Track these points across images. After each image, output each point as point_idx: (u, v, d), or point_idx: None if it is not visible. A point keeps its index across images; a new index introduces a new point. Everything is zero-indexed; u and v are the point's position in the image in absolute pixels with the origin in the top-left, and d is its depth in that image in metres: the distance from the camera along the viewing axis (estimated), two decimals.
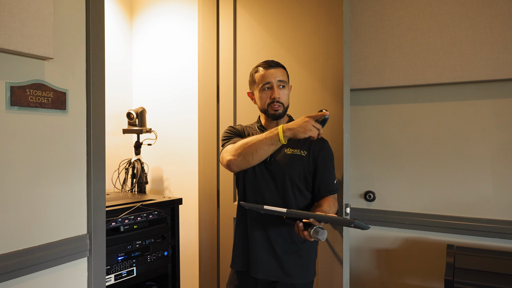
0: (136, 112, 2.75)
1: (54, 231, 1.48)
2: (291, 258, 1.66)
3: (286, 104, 1.70)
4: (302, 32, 2.06)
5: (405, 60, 2.18)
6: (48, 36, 1.43)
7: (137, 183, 2.74)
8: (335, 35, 1.91)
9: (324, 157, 1.68)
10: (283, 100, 1.68)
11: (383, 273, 2.29)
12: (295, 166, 1.66)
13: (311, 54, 2.01)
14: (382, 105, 2.29)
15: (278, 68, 1.68)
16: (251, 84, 1.76)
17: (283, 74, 1.69)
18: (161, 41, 2.94)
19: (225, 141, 1.75)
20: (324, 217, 1.37)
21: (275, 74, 1.66)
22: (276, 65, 1.69)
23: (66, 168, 1.53)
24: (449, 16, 2.08)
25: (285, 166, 1.66)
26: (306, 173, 1.67)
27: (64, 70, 1.52)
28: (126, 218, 2.09)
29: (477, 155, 2.06)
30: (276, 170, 1.67)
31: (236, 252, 1.77)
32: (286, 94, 1.69)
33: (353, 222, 1.31)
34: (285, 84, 1.68)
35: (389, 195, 2.27)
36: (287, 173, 1.65)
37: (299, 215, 1.41)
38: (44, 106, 1.45)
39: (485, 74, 2.00)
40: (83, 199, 1.60)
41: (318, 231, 1.35)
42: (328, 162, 1.69)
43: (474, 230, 2.04)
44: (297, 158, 1.66)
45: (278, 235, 1.67)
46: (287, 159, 1.67)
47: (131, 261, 2.12)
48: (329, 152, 1.71)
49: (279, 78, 1.66)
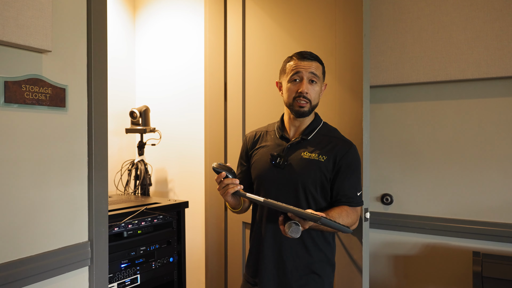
0: (139, 111, 2.64)
1: (53, 239, 1.39)
2: (303, 279, 1.51)
3: (314, 102, 1.54)
4: (317, 25, 1.93)
5: (426, 55, 2.06)
6: (46, 27, 1.32)
7: (140, 185, 2.63)
8: (353, 28, 1.78)
9: (348, 163, 1.50)
10: (312, 97, 1.52)
11: (401, 280, 2.17)
12: (310, 172, 1.50)
13: (327, 48, 1.89)
14: (400, 103, 2.17)
15: (312, 61, 1.53)
16: (281, 73, 1.61)
17: (318, 68, 1.53)
18: (165, 37, 2.82)
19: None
20: (293, 211, 1.25)
21: (307, 66, 1.51)
22: (311, 57, 1.53)
23: (66, 170, 1.42)
24: (473, 7, 1.96)
25: (299, 171, 1.51)
26: (324, 181, 1.50)
27: (64, 64, 1.41)
28: (130, 222, 1.97)
29: (503, 155, 1.94)
30: (289, 175, 1.53)
31: (249, 260, 1.65)
32: (317, 91, 1.54)
33: (319, 219, 1.20)
34: (317, 79, 1.53)
35: (408, 198, 2.15)
36: (300, 180, 1.50)
37: (274, 206, 1.30)
38: (42, 103, 1.34)
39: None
40: (84, 203, 1.50)
41: (290, 226, 1.24)
42: (351, 169, 1.50)
43: (500, 236, 1.91)
44: (313, 163, 1.50)
45: (290, 249, 1.52)
46: (302, 164, 1.51)
47: (135, 268, 2.01)
48: (355, 158, 1.52)
49: (311, 70, 1.51)
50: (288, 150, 1.55)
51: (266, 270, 1.54)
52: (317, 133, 1.56)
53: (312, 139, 1.55)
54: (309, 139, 1.55)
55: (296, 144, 1.55)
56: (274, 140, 1.61)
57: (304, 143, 1.55)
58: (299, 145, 1.55)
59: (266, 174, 1.56)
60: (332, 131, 1.59)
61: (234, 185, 1.42)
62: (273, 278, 1.53)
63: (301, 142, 1.55)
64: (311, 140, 1.54)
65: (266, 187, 1.56)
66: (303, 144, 1.54)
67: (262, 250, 1.56)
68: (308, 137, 1.55)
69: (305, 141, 1.55)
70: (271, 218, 1.54)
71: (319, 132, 1.56)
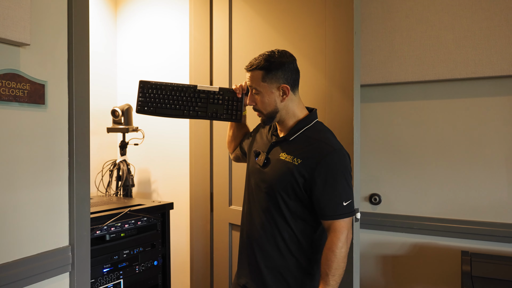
0: (121, 109, 2.55)
1: (31, 244, 1.31)
2: (271, 275, 1.48)
3: (266, 111, 1.47)
4: (306, 22, 1.89)
5: (414, 54, 2.05)
6: (24, 19, 1.24)
7: (122, 186, 2.54)
8: (344, 25, 1.75)
9: (327, 169, 1.36)
10: (260, 107, 1.49)
11: (389, 280, 2.15)
12: (282, 175, 1.43)
13: (317, 46, 1.85)
14: (388, 102, 2.15)
15: (250, 71, 1.47)
16: None
17: (255, 78, 1.46)
18: (148, 33, 2.74)
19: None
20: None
21: (248, 79, 1.50)
22: (250, 66, 1.47)
23: (45, 170, 1.34)
24: (461, 7, 1.96)
25: (273, 173, 1.46)
26: (295, 186, 1.40)
27: (43, 58, 1.33)
28: (112, 225, 1.89)
29: (491, 155, 1.94)
30: (264, 175, 1.49)
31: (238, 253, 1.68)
32: (264, 101, 1.46)
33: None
34: (259, 89, 1.46)
35: (396, 198, 2.13)
36: (272, 182, 1.45)
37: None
38: (19, 99, 1.25)
39: (501, 69, 1.88)
40: (64, 206, 1.42)
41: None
42: (331, 177, 1.36)
43: (488, 235, 1.92)
44: (287, 166, 1.42)
45: (260, 246, 1.52)
46: (277, 166, 1.46)
47: (118, 273, 1.93)
48: (336, 163, 1.38)
49: (250, 83, 1.49)
50: (271, 148, 1.52)
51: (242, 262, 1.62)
52: (302, 133, 1.47)
53: (294, 139, 1.47)
54: (291, 139, 1.47)
55: (279, 143, 1.51)
56: (266, 135, 1.61)
57: (286, 143, 1.48)
58: (281, 144, 1.50)
59: (250, 168, 1.60)
60: (320, 132, 1.47)
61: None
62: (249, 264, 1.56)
63: (283, 142, 1.49)
64: (293, 140, 1.47)
65: (250, 178, 1.60)
66: (284, 145, 1.48)
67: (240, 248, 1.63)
68: (291, 137, 1.47)
69: (287, 142, 1.48)
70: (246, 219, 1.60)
71: (304, 132, 1.47)
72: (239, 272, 1.63)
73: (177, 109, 1.60)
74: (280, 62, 1.44)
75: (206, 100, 1.60)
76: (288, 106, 1.48)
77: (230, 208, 2.27)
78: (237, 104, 1.61)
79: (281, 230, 1.45)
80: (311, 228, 1.46)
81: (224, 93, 1.61)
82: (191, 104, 1.60)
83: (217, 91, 1.61)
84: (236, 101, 1.61)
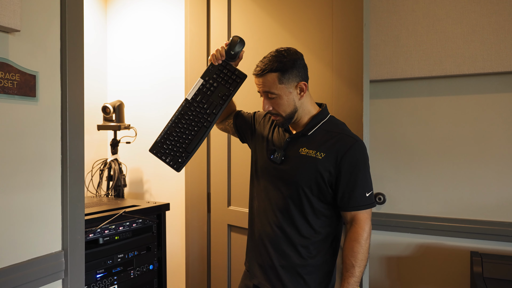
0: (113, 106, 2.43)
1: (21, 249, 1.20)
2: (288, 274, 1.44)
3: (285, 113, 1.41)
4: (312, 14, 1.81)
5: (421, 49, 1.99)
6: (14, 3, 1.13)
7: (114, 186, 2.42)
8: (352, 17, 1.67)
9: (352, 161, 1.35)
10: (278, 110, 1.41)
11: (394, 282, 2.09)
12: (306, 170, 1.38)
13: (323, 39, 1.77)
14: (394, 99, 2.09)
15: (262, 77, 1.38)
16: None
17: (269, 82, 1.37)
18: (141, 26, 2.62)
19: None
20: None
21: (260, 84, 1.40)
22: (261, 71, 1.38)
23: (36, 169, 1.23)
24: (469, 1, 1.90)
25: (294, 169, 1.41)
26: (320, 181, 1.37)
27: (34, 47, 1.22)
28: (106, 228, 1.77)
29: (499, 153, 1.89)
30: (283, 172, 1.44)
31: (247, 253, 1.62)
32: (282, 103, 1.39)
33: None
34: (276, 92, 1.37)
35: (401, 197, 2.07)
36: (294, 178, 1.40)
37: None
38: (8, 91, 1.14)
39: (510, 64, 1.83)
40: (57, 209, 1.31)
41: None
42: (356, 168, 1.36)
43: (497, 235, 1.87)
44: (310, 161, 1.38)
45: (275, 246, 1.46)
46: (298, 161, 1.41)
47: (112, 278, 1.81)
48: (360, 155, 1.37)
49: (263, 89, 1.40)
50: (288, 144, 1.46)
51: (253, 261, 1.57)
52: (319, 128, 1.44)
53: (313, 134, 1.43)
54: (310, 134, 1.43)
55: (296, 139, 1.45)
56: (277, 131, 1.53)
57: (304, 138, 1.44)
58: (299, 140, 1.45)
59: (263, 165, 1.51)
60: (338, 125, 1.46)
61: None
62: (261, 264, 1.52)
63: (301, 137, 1.45)
64: (311, 135, 1.43)
65: (261, 175, 1.52)
66: (303, 140, 1.44)
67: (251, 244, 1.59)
68: (309, 132, 1.43)
69: (305, 137, 1.44)
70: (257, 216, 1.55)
71: (322, 127, 1.44)
72: (249, 273, 1.57)
73: (199, 130, 1.47)
74: (292, 60, 1.37)
75: (206, 97, 1.49)
76: (304, 103, 1.44)
77: (229, 209, 2.17)
78: (227, 70, 1.49)
79: (299, 228, 1.42)
80: (331, 225, 1.45)
81: (208, 77, 1.50)
82: (200, 114, 1.48)
83: (203, 81, 1.49)
84: (224, 70, 1.49)
